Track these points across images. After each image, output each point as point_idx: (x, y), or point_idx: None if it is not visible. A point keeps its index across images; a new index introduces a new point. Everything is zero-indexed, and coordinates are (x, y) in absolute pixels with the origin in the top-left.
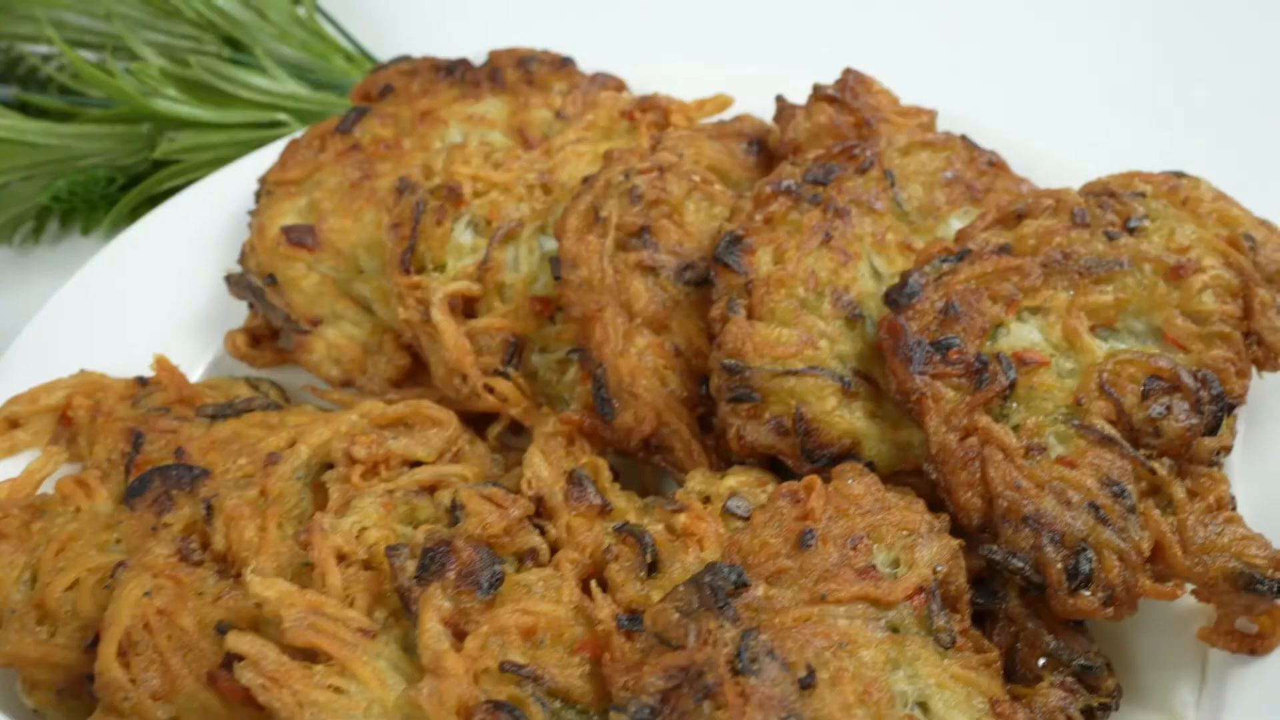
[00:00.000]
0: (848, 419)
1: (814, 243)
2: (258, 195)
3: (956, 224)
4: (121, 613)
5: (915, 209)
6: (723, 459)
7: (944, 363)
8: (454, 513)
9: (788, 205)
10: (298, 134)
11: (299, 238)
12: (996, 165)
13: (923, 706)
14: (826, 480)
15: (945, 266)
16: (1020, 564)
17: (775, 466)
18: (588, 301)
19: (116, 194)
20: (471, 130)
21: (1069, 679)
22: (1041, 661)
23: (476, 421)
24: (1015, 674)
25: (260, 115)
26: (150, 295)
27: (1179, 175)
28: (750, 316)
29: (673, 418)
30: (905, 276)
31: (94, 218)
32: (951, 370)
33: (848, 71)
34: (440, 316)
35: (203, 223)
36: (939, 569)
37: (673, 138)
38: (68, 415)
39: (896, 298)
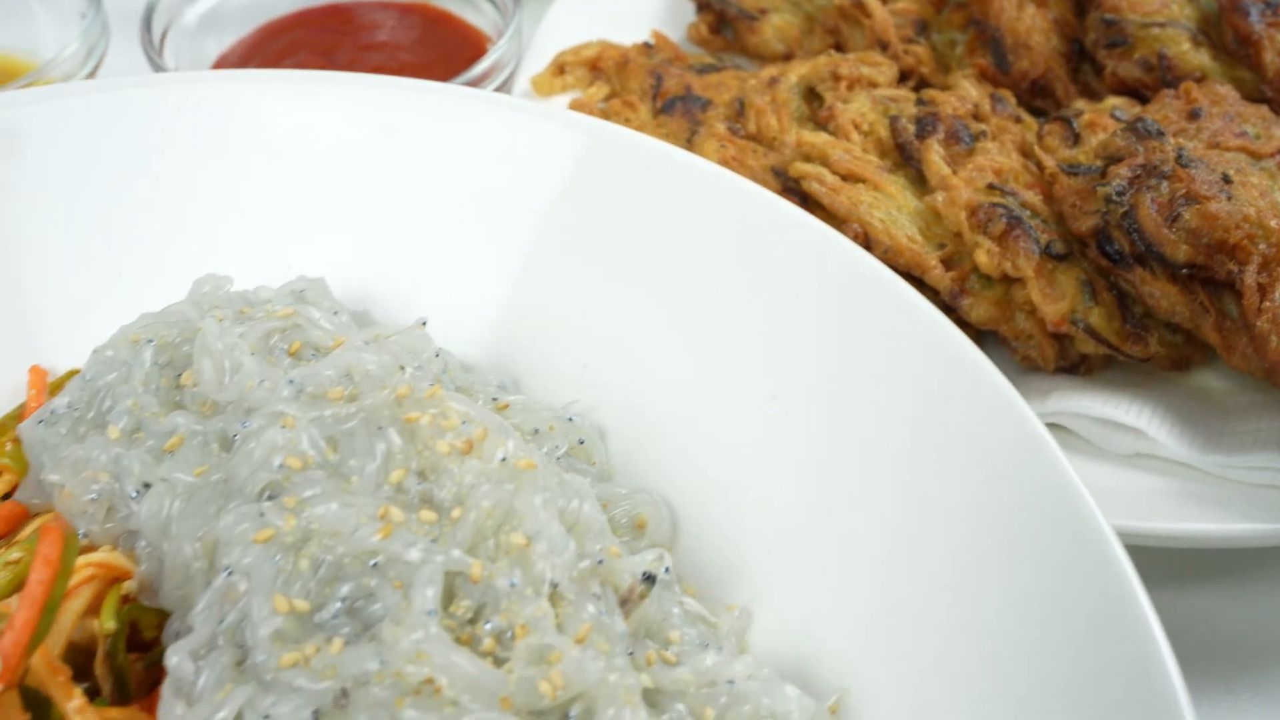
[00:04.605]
0: (1197, 58)
1: None
2: None
3: None
4: (709, 156)
5: None
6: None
7: (1273, 16)
8: (921, 105)
9: None
10: None
11: None
12: None
13: None
14: None
15: None
16: None
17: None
18: None
19: None
20: None
21: None
22: None
23: None
24: None
25: None
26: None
27: None
28: None
29: (1055, 65)
30: None
31: None
32: (1277, 20)
33: None
34: None
35: None
36: None
37: None
38: (598, 65)
39: None
